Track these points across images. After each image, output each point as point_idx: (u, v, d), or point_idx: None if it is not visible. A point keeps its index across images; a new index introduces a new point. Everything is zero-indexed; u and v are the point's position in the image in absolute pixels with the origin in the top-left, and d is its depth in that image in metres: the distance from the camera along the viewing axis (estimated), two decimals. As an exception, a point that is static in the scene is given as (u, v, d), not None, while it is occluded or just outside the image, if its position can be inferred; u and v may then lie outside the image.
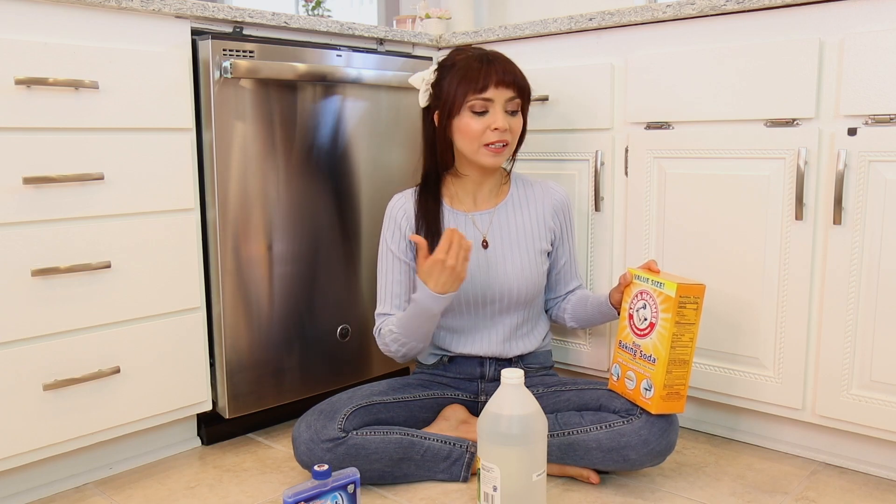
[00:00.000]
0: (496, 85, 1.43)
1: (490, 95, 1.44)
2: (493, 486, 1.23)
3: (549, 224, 1.58)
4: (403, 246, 1.53)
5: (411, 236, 1.45)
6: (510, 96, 1.45)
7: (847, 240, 1.38)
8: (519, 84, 1.46)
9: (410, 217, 1.54)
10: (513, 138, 1.48)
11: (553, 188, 1.61)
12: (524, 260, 1.53)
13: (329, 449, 1.36)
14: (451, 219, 1.54)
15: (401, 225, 1.54)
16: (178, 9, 1.43)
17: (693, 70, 1.52)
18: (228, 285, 1.54)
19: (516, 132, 1.49)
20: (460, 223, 1.54)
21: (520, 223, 1.56)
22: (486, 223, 1.55)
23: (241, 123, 1.52)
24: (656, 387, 1.35)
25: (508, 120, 1.46)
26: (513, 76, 1.45)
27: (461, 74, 1.45)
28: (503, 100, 1.45)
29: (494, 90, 1.44)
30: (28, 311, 1.29)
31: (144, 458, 1.56)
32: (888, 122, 1.32)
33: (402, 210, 1.54)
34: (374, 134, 1.77)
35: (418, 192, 1.56)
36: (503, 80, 1.44)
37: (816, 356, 1.45)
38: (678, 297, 1.32)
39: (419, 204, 1.54)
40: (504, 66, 1.45)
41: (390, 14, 3.54)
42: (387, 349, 1.52)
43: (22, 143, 1.26)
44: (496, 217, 1.55)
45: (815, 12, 1.39)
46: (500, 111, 1.44)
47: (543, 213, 1.58)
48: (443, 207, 1.55)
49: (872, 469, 1.46)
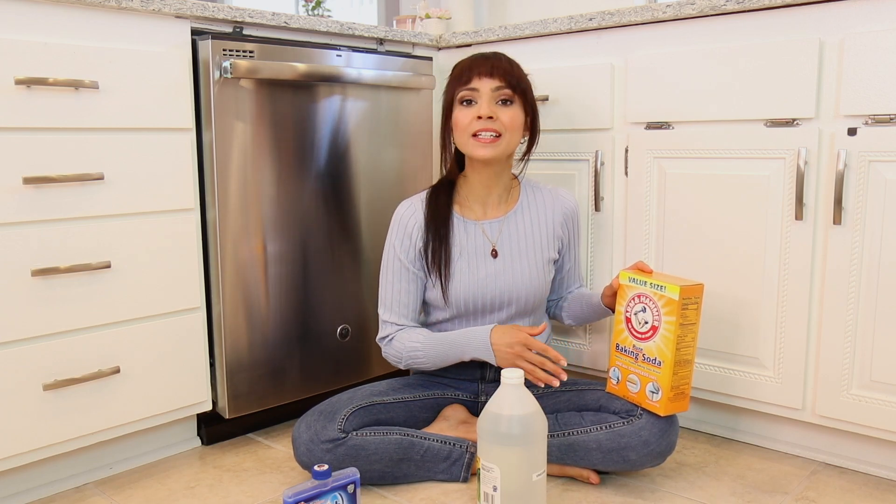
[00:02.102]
0: (480, 76, 1.45)
1: (475, 85, 1.45)
2: (493, 486, 1.23)
3: (557, 233, 1.57)
4: (413, 256, 1.52)
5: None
6: (496, 86, 1.45)
7: (847, 240, 1.38)
8: (507, 73, 1.45)
9: (420, 226, 1.52)
10: (505, 129, 1.45)
11: (563, 196, 1.59)
12: (532, 269, 1.53)
13: (329, 449, 1.36)
14: (461, 227, 1.53)
15: (411, 234, 1.52)
16: (178, 9, 1.43)
17: (693, 70, 1.52)
18: (228, 285, 1.54)
19: (509, 124, 1.46)
20: (470, 232, 1.53)
21: (529, 232, 1.55)
22: (495, 232, 1.54)
23: (241, 123, 1.52)
24: (664, 389, 1.35)
25: (497, 109, 1.45)
26: (500, 68, 1.45)
27: (453, 74, 1.50)
28: (489, 89, 1.44)
29: (479, 80, 1.45)
30: (28, 311, 1.29)
31: (144, 458, 1.56)
32: (888, 122, 1.32)
33: (412, 219, 1.52)
34: (374, 134, 1.77)
35: (428, 199, 1.54)
36: (487, 71, 1.44)
37: (816, 356, 1.45)
38: (682, 299, 1.31)
39: (429, 211, 1.52)
40: (494, 60, 1.46)
41: (390, 14, 3.54)
42: (395, 356, 1.52)
43: (22, 143, 1.26)
44: (506, 226, 1.54)
45: (815, 12, 1.39)
46: (485, 100, 1.44)
47: (553, 221, 1.57)
48: (453, 216, 1.54)
49: (872, 469, 1.46)
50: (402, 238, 1.52)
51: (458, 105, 1.47)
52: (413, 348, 1.49)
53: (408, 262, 1.52)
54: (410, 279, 1.53)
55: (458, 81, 1.47)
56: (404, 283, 1.53)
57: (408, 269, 1.52)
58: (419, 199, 1.55)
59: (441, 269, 1.50)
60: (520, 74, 1.48)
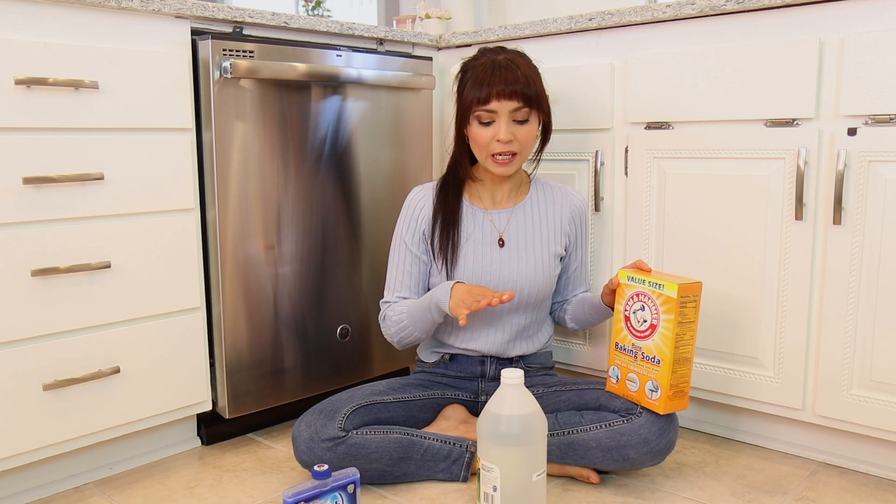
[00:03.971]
0: (498, 97, 1.43)
1: (493, 107, 1.44)
2: (493, 486, 1.23)
3: (564, 229, 1.58)
4: (417, 239, 1.55)
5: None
6: (515, 107, 1.44)
7: (847, 240, 1.38)
8: (524, 93, 1.43)
9: (428, 211, 1.55)
10: (521, 147, 1.47)
11: (572, 194, 1.61)
12: (538, 261, 1.54)
13: (329, 448, 1.36)
14: (470, 215, 1.55)
15: (417, 218, 1.55)
16: (178, 9, 1.43)
17: (693, 70, 1.52)
18: (228, 285, 1.54)
19: (525, 141, 1.47)
20: (478, 219, 1.55)
21: (536, 225, 1.56)
22: (503, 222, 1.55)
23: (240, 123, 1.52)
24: (663, 388, 1.35)
25: (515, 130, 1.45)
26: (517, 86, 1.43)
27: (471, 83, 1.46)
28: (507, 111, 1.44)
29: (497, 102, 1.43)
30: (28, 311, 1.29)
31: (144, 458, 1.56)
32: (888, 122, 1.32)
33: (420, 203, 1.56)
34: (374, 134, 1.77)
35: (439, 186, 1.57)
36: (505, 91, 1.42)
37: (816, 356, 1.45)
38: (680, 297, 1.32)
39: (439, 197, 1.55)
40: (511, 74, 1.43)
41: (390, 14, 3.54)
42: (388, 332, 1.54)
43: (22, 143, 1.26)
44: (514, 216, 1.56)
45: (815, 12, 1.39)
46: (503, 122, 1.44)
47: (561, 217, 1.58)
48: (462, 203, 1.56)
49: (872, 469, 1.46)
50: (409, 221, 1.56)
51: (476, 121, 1.46)
52: (399, 319, 1.51)
53: (412, 245, 1.55)
54: (413, 262, 1.55)
55: (477, 98, 1.44)
56: (406, 265, 1.55)
57: (411, 252, 1.55)
58: (431, 186, 1.59)
59: (447, 254, 1.52)
60: (537, 87, 1.46)
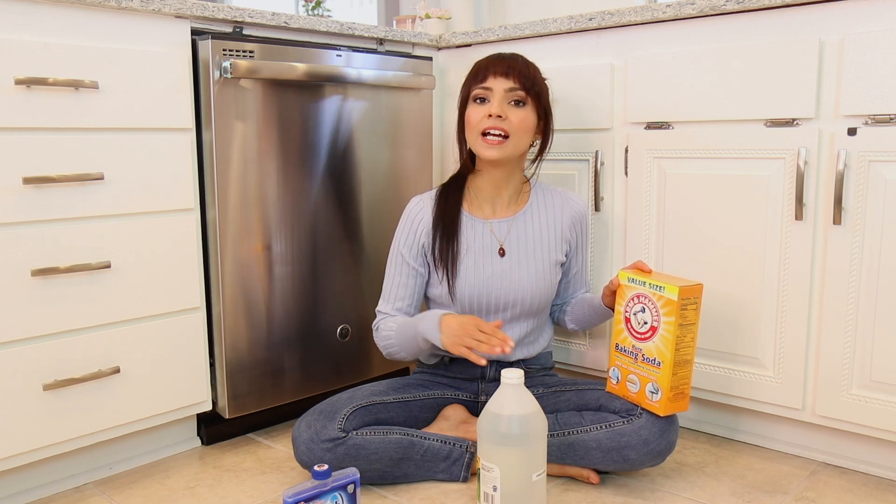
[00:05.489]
0: (495, 75, 1.46)
1: (489, 84, 1.46)
2: (493, 486, 1.23)
3: (565, 236, 1.58)
4: (415, 252, 1.54)
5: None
6: (510, 86, 1.45)
7: (847, 240, 1.38)
8: (522, 75, 1.46)
9: (427, 223, 1.53)
10: (514, 131, 1.46)
11: (573, 199, 1.60)
12: (539, 270, 1.53)
13: (329, 449, 1.36)
14: (469, 225, 1.54)
15: (416, 230, 1.54)
16: (178, 9, 1.43)
17: (693, 70, 1.52)
18: (228, 285, 1.54)
19: (518, 125, 1.46)
20: (478, 230, 1.54)
21: (537, 233, 1.55)
22: (503, 231, 1.54)
23: (240, 123, 1.52)
24: (663, 389, 1.35)
25: (508, 109, 1.46)
26: (516, 69, 1.46)
27: (471, 72, 1.51)
28: (502, 89, 1.46)
29: (493, 80, 1.46)
30: (28, 311, 1.29)
31: (144, 458, 1.56)
32: (888, 122, 1.32)
33: (419, 214, 1.54)
34: (374, 134, 1.77)
35: (438, 196, 1.56)
36: (503, 71, 1.46)
37: (816, 356, 1.45)
38: (680, 299, 1.31)
39: (438, 208, 1.54)
40: (511, 61, 1.47)
41: (390, 14, 3.54)
42: (378, 343, 1.55)
43: (22, 143, 1.26)
44: (514, 226, 1.55)
45: (815, 12, 1.39)
46: (497, 99, 1.46)
47: (562, 224, 1.57)
48: (462, 213, 1.55)
49: (872, 469, 1.46)
50: (407, 233, 1.55)
51: (472, 102, 1.49)
52: (387, 336, 1.51)
53: (409, 258, 1.54)
54: (409, 273, 1.54)
55: (474, 79, 1.49)
56: (402, 276, 1.55)
57: (408, 264, 1.54)
58: (429, 196, 1.57)
59: (448, 265, 1.51)
60: (536, 77, 1.49)
